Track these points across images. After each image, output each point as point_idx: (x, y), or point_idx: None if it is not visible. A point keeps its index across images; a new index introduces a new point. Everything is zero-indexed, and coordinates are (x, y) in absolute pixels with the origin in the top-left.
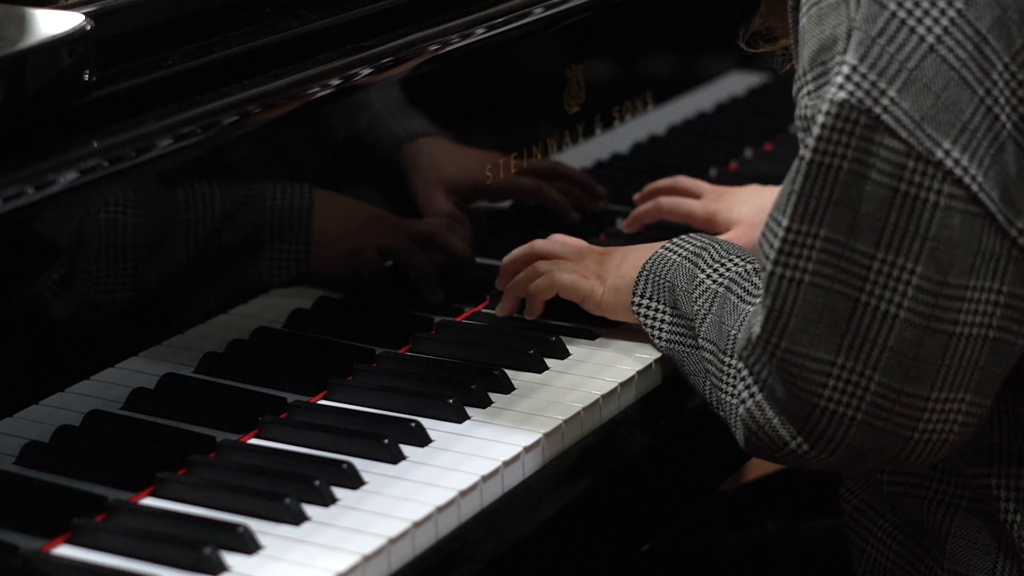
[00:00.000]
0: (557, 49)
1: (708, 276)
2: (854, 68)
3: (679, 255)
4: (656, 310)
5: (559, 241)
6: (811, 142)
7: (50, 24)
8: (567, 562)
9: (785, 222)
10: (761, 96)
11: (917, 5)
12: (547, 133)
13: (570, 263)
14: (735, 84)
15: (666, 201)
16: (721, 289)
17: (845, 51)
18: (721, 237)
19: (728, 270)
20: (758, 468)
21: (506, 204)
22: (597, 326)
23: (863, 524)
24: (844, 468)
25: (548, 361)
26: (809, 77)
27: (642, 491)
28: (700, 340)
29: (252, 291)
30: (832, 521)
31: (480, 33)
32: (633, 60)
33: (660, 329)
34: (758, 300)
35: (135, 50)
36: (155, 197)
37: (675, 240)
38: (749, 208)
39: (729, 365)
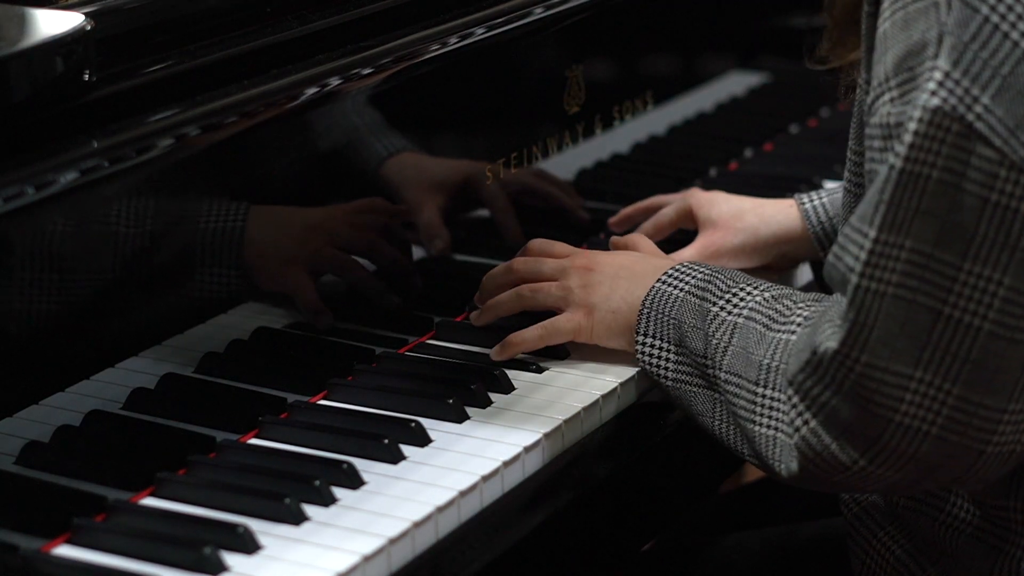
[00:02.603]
0: (557, 49)
1: (722, 308)
2: (947, 74)
3: (682, 290)
4: (660, 348)
5: (539, 250)
6: (902, 150)
7: (50, 24)
8: (568, 561)
9: (872, 233)
10: (761, 96)
11: (1011, 9)
12: (547, 133)
13: (554, 288)
14: (735, 84)
15: (647, 226)
16: (741, 320)
17: (936, 56)
18: (699, 238)
19: (743, 300)
20: (758, 469)
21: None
22: None
23: (863, 534)
24: (905, 489)
25: (548, 361)
26: (893, 83)
27: (643, 490)
28: (723, 374)
29: (252, 291)
30: (832, 522)
31: (480, 33)
32: (633, 60)
33: (665, 368)
34: (792, 326)
35: (135, 50)
36: (155, 197)
37: (672, 273)
38: (730, 208)
39: (765, 396)
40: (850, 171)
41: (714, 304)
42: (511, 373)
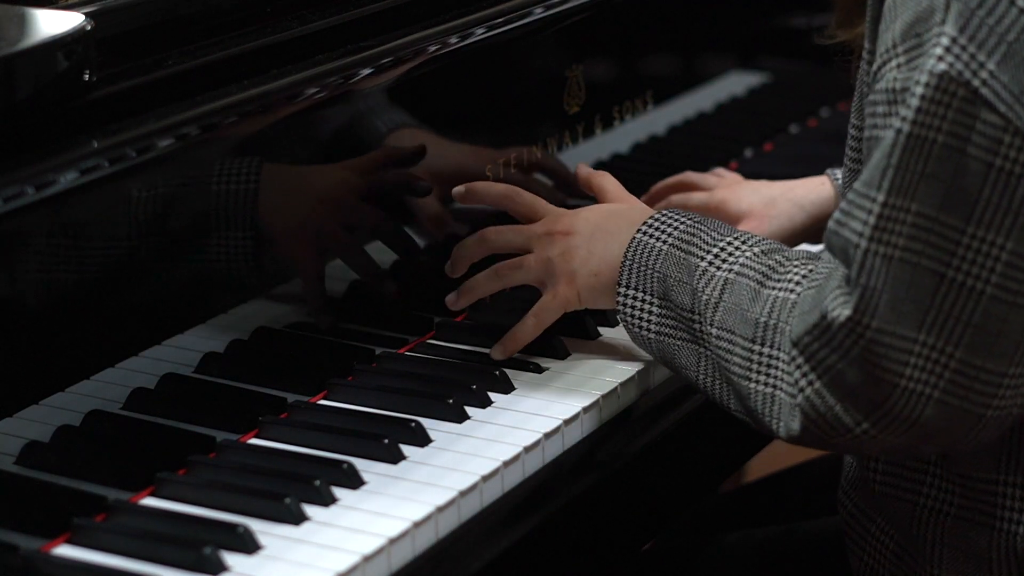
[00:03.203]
0: (557, 49)
1: (710, 264)
2: (954, 39)
3: (665, 242)
4: (642, 300)
5: (522, 203)
6: (909, 114)
7: (50, 24)
8: (568, 561)
9: (881, 197)
10: (761, 96)
11: None
12: (547, 133)
13: (533, 263)
14: (735, 84)
15: (677, 199)
16: (731, 275)
17: (944, 22)
18: None
19: (732, 255)
20: (758, 469)
21: None
22: (598, 325)
23: (857, 531)
24: (903, 452)
25: (548, 361)
26: (900, 49)
27: (643, 489)
28: (714, 330)
29: (252, 291)
30: (832, 521)
31: (480, 33)
32: (633, 60)
33: (647, 321)
34: (789, 284)
35: (135, 50)
36: (154, 197)
37: (652, 223)
38: (760, 198)
39: (762, 354)
40: (850, 147)
41: (701, 259)
42: (511, 373)
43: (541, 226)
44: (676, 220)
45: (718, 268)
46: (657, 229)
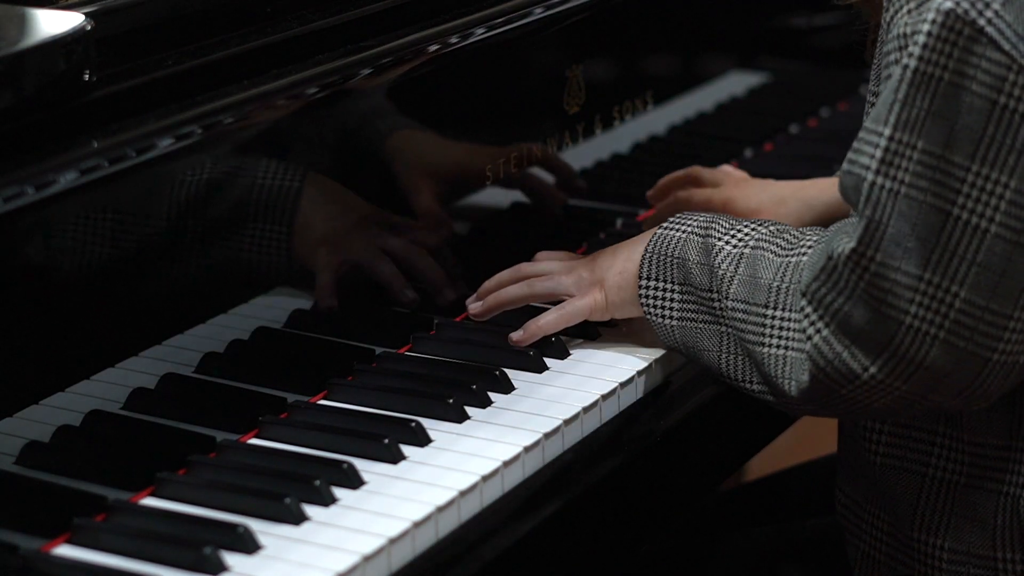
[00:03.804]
0: (557, 49)
1: (727, 243)
2: None
3: (684, 231)
4: (664, 290)
5: (544, 257)
6: (916, 50)
7: (50, 24)
8: (568, 561)
9: (887, 131)
10: (761, 96)
11: None
12: (547, 133)
13: (564, 277)
14: (735, 84)
15: (684, 193)
16: (747, 251)
17: None
18: None
19: (747, 235)
20: (758, 469)
21: (505, 204)
22: (598, 325)
23: (853, 521)
24: (911, 404)
25: (548, 361)
26: None
27: (643, 490)
28: (729, 302)
29: (252, 291)
30: (831, 520)
31: (480, 33)
32: (633, 60)
33: (670, 308)
34: (803, 249)
35: (135, 50)
36: (155, 197)
37: (672, 220)
38: (770, 196)
39: (775, 317)
40: (868, 114)
41: (719, 239)
42: (511, 373)
43: (574, 258)
44: (695, 215)
45: (734, 246)
46: (677, 222)
